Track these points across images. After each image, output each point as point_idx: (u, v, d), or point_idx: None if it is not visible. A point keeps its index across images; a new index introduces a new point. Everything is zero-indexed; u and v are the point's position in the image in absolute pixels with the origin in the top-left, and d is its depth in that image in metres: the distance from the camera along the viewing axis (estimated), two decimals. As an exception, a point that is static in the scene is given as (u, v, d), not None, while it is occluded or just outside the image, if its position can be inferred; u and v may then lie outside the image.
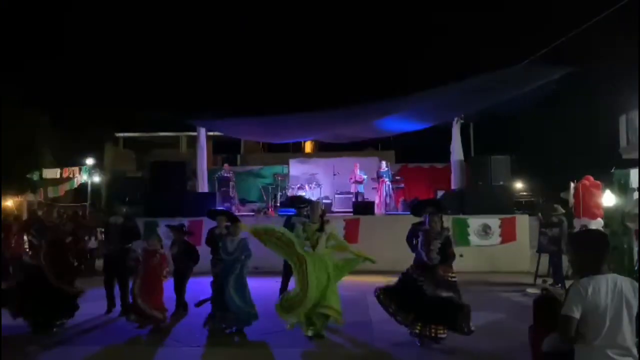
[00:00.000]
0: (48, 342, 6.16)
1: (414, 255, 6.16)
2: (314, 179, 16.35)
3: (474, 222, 12.15)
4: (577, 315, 2.85)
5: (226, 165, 16.70)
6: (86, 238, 12.47)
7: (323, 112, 12.92)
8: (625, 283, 2.89)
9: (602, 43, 13.86)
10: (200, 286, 7.18)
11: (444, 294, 5.64)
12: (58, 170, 22.10)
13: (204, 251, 7.36)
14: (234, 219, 7.06)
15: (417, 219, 6.53)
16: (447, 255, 5.89)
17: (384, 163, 15.45)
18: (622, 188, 10.48)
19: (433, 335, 5.70)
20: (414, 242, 6.15)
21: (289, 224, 7.56)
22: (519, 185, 23.48)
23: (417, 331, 5.73)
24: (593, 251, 2.99)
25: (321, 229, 6.29)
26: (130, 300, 6.81)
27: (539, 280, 9.88)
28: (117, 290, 7.75)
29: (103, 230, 8.09)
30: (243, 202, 16.18)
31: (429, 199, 10.09)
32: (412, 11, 46.28)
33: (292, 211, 13.53)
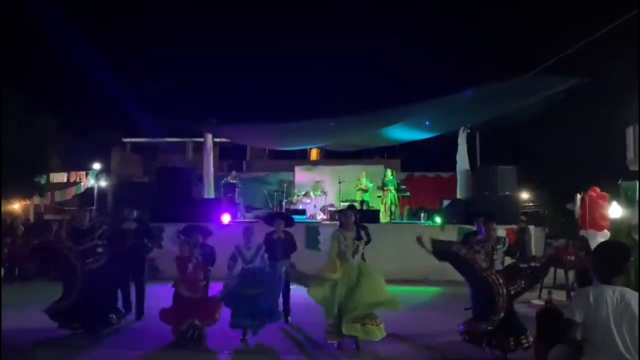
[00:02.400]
0: (69, 347, 6.11)
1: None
2: (319, 186, 16.36)
3: (480, 232, 12.09)
4: (578, 319, 2.87)
5: (234, 172, 16.72)
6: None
7: (329, 120, 12.96)
8: (634, 296, 2.90)
9: (610, 54, 13.86)
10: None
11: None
12: (65, 175, 22.28)
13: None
14: (292, 224, 7.22)
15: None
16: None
17: (389, 171, 15.43)
18: (629, 200, 10.41)
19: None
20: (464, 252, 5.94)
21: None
22: (524, 195, 23.32)
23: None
24: (608, 261, 3.01)
25: (359, 237, 6.07)
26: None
27: (544, 292, 9.80)
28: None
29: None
30: (248, 208, 16.21)
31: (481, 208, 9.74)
32: (419, 21, 46.49)
33: (300, 218, 13.51)
